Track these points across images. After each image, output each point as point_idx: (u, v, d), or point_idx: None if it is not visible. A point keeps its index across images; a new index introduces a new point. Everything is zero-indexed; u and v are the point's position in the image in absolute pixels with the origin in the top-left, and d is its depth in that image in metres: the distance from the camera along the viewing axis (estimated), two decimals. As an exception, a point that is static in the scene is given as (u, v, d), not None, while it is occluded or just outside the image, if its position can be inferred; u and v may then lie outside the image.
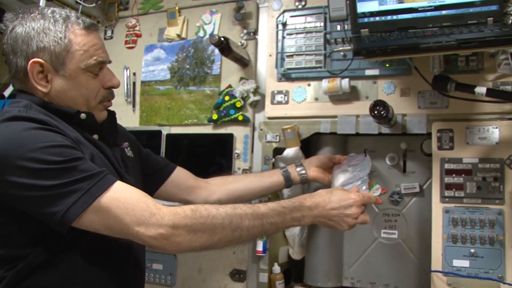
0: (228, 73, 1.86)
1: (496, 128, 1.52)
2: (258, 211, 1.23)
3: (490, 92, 1.34)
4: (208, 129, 1.87)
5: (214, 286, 1.80)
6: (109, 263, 1.25)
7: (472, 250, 1.50)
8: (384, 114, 1.47)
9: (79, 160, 1.12)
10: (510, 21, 1.32)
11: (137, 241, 1.13)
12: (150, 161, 1.59)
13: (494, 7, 1.40)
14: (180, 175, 1.61)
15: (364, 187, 1.48)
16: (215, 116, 1.83)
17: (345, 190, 1.38)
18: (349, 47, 1.48)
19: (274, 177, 1.65)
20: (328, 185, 1.65)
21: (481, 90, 1.35)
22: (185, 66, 1.92)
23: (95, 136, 1.29)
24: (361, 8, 1.49)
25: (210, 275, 1.81)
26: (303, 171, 1.65)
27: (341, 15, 1.50)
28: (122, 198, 1.12)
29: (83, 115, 1.27)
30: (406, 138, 1.69)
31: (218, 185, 1.64)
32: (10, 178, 1.08)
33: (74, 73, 1.25)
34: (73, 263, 1.19)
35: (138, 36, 2.05)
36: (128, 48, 2.08)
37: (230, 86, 1.84)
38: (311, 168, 1.66)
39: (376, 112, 1.48)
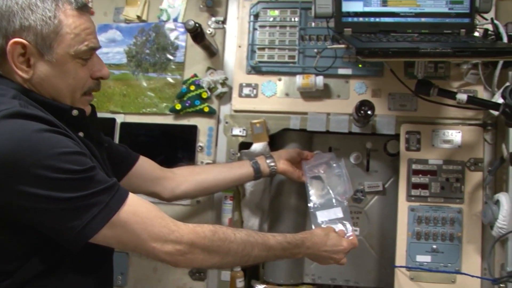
0: (193, 62, 1.77)
1: (459, 132, 1.63)
2: (267, 243, 1.27)
3: (470, 99, 1.43)
4: (168, 119, 1.76)
5: (171, 286, 1.70)
6: (94, 276, 1.16)
7: (434, 246, 1.60)
8: (371, 114, 1.50)
9: (95, 170, 1.01)
10: (493, 35, 1.41)
11: (149, 256, 1.09)
12: (112, 150, 1.44)
13: (466, 20, 1.50)
14: (145, 165, 1.49)
15: (351, 230, 1.52)
16: (178, 106, 1.72)
17: (339, 236, 1.45)
18: (335, 45, 1.48)
19: (244, 169, 1.59)
20: (297, 180, 1.65)
21: (462, 97, 1.43)
22: (145, 51, 1.79)
23: (81, 134, 1.15)
24: (346, 7, 1.50)
25: (167, 274, 1.70)
26: (273, 163, 1.61)
27: (327, 12, 1.49)
28: (140, 213, 1.06)
29: (75, 112, 1.12)
30: (371, 138, 1.74)
31: (185, 176, 1.55)
32: (21, 187, 0.93)
33: (62, 59, 1.10)
34: (61, 279, 1.08)
35: (91, 14, 1.84)
36: (79, 26, 1.87)
37: (195, 75, 1.74)
38: (281, 161, 1.63)
39: (362, 112, 1.50)
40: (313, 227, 1.55)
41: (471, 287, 1.58)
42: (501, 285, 1.40)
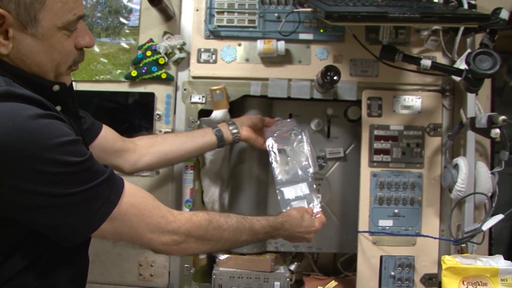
0: (148, 26, 1.67)
1: (419, 98, 1.64)
2: (253, 228, 1.27)
3: (434, 65, 1.43)
4: (123, 87, 1.66)
5: (132, 260, 1.65)
6: (72, 270, 1.10)
7: (396, 211, 1.63)
8: (337, 80, 1.48)
9: (92, 159, 0.94)
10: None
11: (143, 246, 1.06)
12: None
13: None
14: (108, 136, 1.39)
15: (318, 207, 1.55)
16: (134, 73, 1.63)
17: (311, 217, 1.48)
18: (302, 9, 1.43)
19: (207, 137, 1.54)
20: (260, 148, 1.63)
21: (426, 62, 1.44)
22: (96, 14, 1.67)
23: (58, 108, 1.02)
24: (310, -30, 1.45)
25: (127, 248, 1.65)
26: (236, 130, 1.58)
27: (290, -25, 1.45)
28: (138, 204, 1.01)
29: (56, 87, 1.01)
30: (331, 104, 1.73)
31: (147, 147, 1.47)
32: (16, 183, 0.85)
33: (49, 32, 0.96)
34: (41, 275, 1.01)
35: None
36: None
37: (151, 40, 1.65)
38: (243, 128, 1.59)
39: (328, 77, 1.48)
40: (280, 203, 1.55)
41: (430, 249, 1.63)
42: (462, 245, 1.44)
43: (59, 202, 0.89)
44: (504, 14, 1.38)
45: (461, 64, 1.44)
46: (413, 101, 1.63)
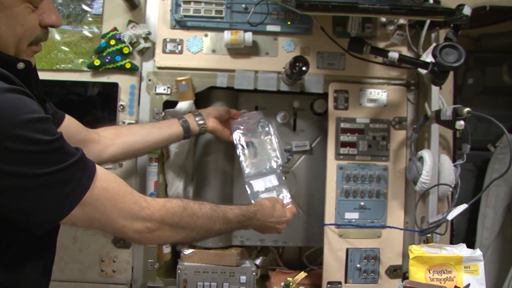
0: (112, 14, 1.62)
1: (385, 92, 1.66)
2: (227, 217, 1.24)
3: (401, 58, 1.45)
4: (86, 77, 1.61)
5: (93, 255, 1.59)
6: (39, 263, 1.04)
7: (362, 203, 1.64)
8: (305, 71, 1.47)
9: (63, 139, 0.88)
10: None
11: (115, 234, 1.03)
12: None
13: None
14: (71, 126, 1.31)
15: (288, 197, 1.55)
16: (97, 62, 1.58)
17: (283, 208, 1.46)
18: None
19: (173, 128, 1.50)
20: (226, 140, 1.61)
21: (394, 55, 1.45)
22: (57, 1, 1.61)
23: None
24: (279, -41, 1.44)
25: (88, 243, 1.59)
26: (202, 121, 1.54)
27: (258, -36, 1.44)
28: (111, 189, 0.96)
29: (21, 65, 0.95)
30: (297, 97, 1.73)
31: (112, 138, 1.41)
32: None
33: (9, 2, 0.90)
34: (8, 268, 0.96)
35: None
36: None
37: (115, 29, 1.60)
38: (210, 119, 1.56)
39: (297, 68, 1.47)
40: (249, 196, 1.53)
41: (395, 241, 1.66)
42: (428, 235, 1.46)
43: (28, 183, 0.84)
44: (467, 11, 1.41)
45: (427, 58, 1.47)
46: (379, 94, 1.64)
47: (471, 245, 1.75)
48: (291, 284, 1.32)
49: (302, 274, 1.36)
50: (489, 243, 1.98)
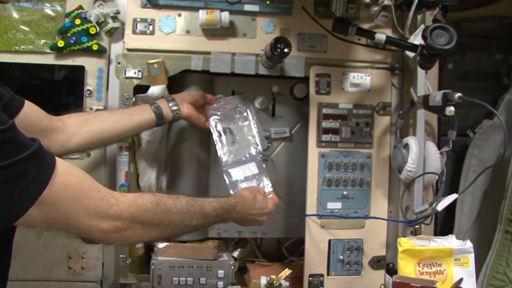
0: (77, -9, 1.50)
1: (368, 76, 1.59)
2: (204, 211, 1.17)
3: (388, 40, 1.38)
4: (49, 59, 1.48)
5: (60, 252, 1.49)
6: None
7: (345, 192, 1.58)
8: (287, 52, 1.39)
9: (15, 129, 0.79)
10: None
11: (82, 235, 0.94)
12: None
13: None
14: (32, 113, 1.19)
15: (269, 186, 1.50)
16: (60, 43, 1.46)
17: (264, 198, 1.41)
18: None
19: (145, 114, 1.40)
20: (202, 127, 1.52)
21: (381, 36, 1.38)
22: (14, -25, 1.48)
23: None
24: None
25: (54, 239, 1.49)
26: (176, 107, 1.45)
27: None
28: (73, 184, 0.86)
29: None
30: (276, 81, 1.64)
31: (78, 126, 1.30)
32: None
33: None
34: None
35: None
36: None
37: (81, 7, 1.47)
38: (184, 105, 1.47)
39: (278, 50, 1.39)
40: (227, 185, 1.45)
41: (379, 231, 1.61)
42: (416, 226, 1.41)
43: None
44: (455, -9, 1.35)
45: (415, 40, 1.39)
46: (363, 78, 1.57)
47: (449, 231, 1.73)
48: (274, 282, 1.25)
49: (287, 271, 1.29)
50: (467, 229, 1.97)
